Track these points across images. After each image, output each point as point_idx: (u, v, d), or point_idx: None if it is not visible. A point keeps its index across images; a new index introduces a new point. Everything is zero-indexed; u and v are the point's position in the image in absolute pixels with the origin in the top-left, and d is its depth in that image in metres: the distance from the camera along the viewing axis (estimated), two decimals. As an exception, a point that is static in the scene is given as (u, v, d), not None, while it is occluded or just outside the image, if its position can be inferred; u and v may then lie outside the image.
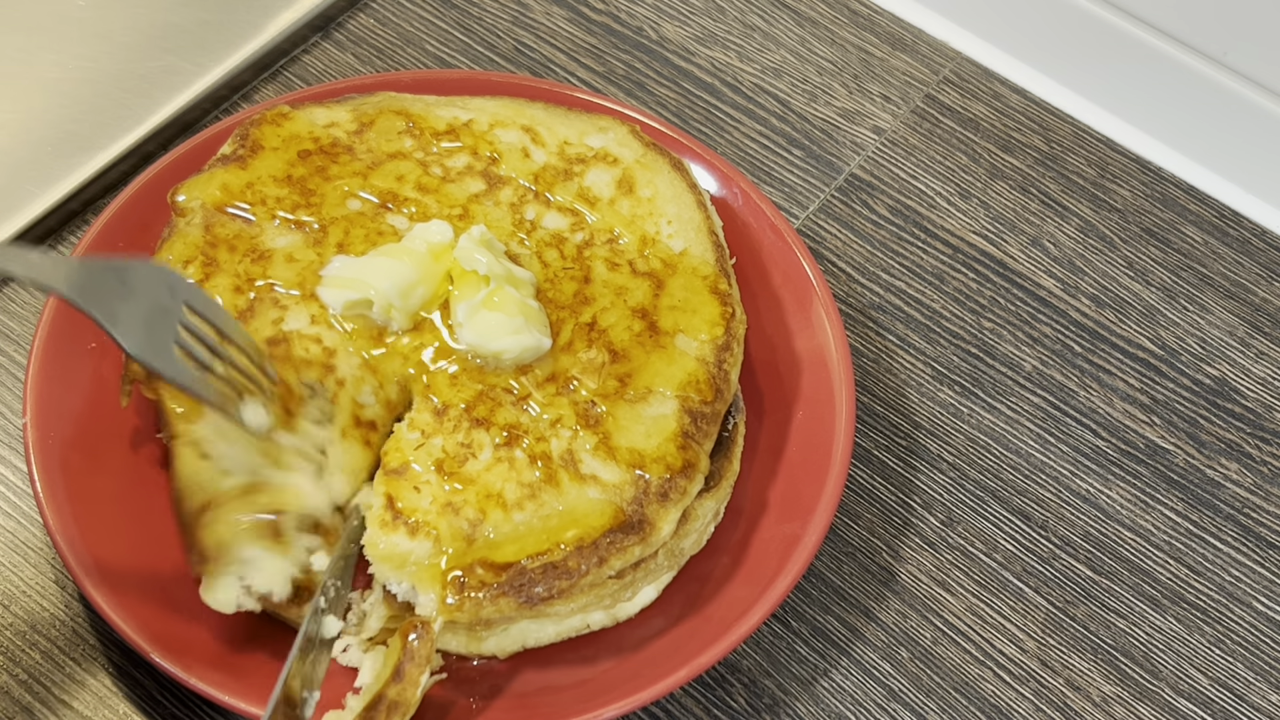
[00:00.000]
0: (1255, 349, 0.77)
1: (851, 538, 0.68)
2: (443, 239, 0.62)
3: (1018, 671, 0.65)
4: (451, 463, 0.58)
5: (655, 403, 0.60)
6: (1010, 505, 0.70)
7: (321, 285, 0.61)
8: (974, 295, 0.77)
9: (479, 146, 0.69)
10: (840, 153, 0.83)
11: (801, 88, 0.85)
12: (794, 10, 0.89)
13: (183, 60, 0.79)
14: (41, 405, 0.60)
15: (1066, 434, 0.73)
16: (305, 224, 0.64)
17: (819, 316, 0.68)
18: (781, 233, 0.70)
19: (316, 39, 0.83)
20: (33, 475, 0.58)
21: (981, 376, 0.74)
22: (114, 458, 0.61)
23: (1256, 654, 0.66)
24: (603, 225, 0.67)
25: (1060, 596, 0.67)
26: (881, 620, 0.65)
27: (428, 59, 0.84)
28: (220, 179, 0.64)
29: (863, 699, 0.63)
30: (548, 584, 0.55)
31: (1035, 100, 0.87)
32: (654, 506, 0.58)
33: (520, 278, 0.63)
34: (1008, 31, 0.88)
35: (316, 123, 0.68)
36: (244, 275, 0.61)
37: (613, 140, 0.70)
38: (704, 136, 0.82)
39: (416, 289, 0.61)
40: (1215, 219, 0.82)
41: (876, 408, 0.73)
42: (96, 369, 0.62)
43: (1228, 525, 0.70)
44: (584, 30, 0.86)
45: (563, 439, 0.59)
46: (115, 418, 0.62)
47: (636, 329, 0.63)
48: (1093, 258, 0.80)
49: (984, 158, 0.84)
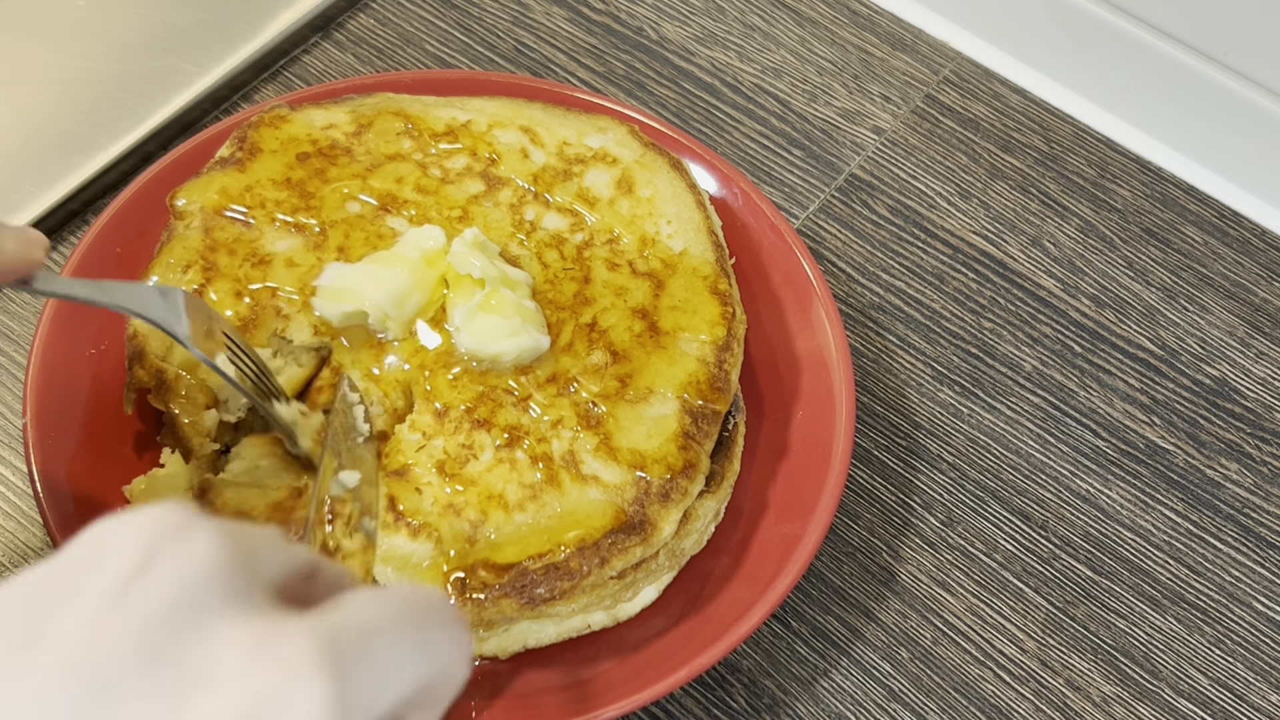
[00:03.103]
0: (1255, 349, 0.77)
1: (851, 538, 0.68)
2: (436, 244, 0.62)
3: (1018, 671, 0.65)
4: (453, 464, 0.58)
5: (656, 403, 0.60)
6: (1010, 505, 0.70)
7: (316, 296, 0.61)
8: (974, 295, 0.78)
9: (478, 147, 0.68)
10: (840, 153, 0.83)
11: (801, 88, 0.85)
12: (794, 10, 0.89)
13: (183, 60, 0.79)
14: (41, 405, 0.60)
15: (1066, 434, 0.73)
16: (305, 227, 0.64)
17: (819, 316, 0.68)
18: (781, 233, 0.70)
19: (316, 39, 0.83)
20: (33, 475, 0.58)
21: (981, 376, 0.74)
22: (115, 458, 0.61)
23: (1256, 654, 0.66)
24: (602, 226, 0.67)
25: (1060, 596, 0.67)
26: (881, 620, 0.65)
27: (428, 59, 0.84)
28: (219, 182, 0.64)
29: (863, 699, 0.63)
30: (549, 585, 0.55)
31: (1035, 100, 0.87)
32: (655, 507, 0.58)
33: (515, 279, 0.63)
34: (1008, 31, 0.88)
35: (315, 125, 0.68)
36: (244, 279, 0.61)
37: (612, 140, 0.70)
38: (704, 136, 0.82)
39: (411, 296, 0.61)
40: (1215, 219, 0.82)
41: (876, 408, 0.73)
42: (97, 371, 0.62)
43: (1228, 525, 0.70)
44: (584, 30, 0.86)
45: (564, 440, 0.59)
46: (116, 418, 0.62)
47: (637, 329, 0.63)
48: (1093, 258, 0.80)
49: (984, 158, 0.84)
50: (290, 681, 0.25)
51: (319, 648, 0.26)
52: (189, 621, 0.25)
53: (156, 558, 0.26)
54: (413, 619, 0.29)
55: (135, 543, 0.26)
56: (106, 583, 0.25)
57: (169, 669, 0.25)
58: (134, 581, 0.25)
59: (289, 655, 0.26)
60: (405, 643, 0.28)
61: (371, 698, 0.27)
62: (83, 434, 0.61)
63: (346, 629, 0.27)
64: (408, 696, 0.28)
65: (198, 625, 0.26)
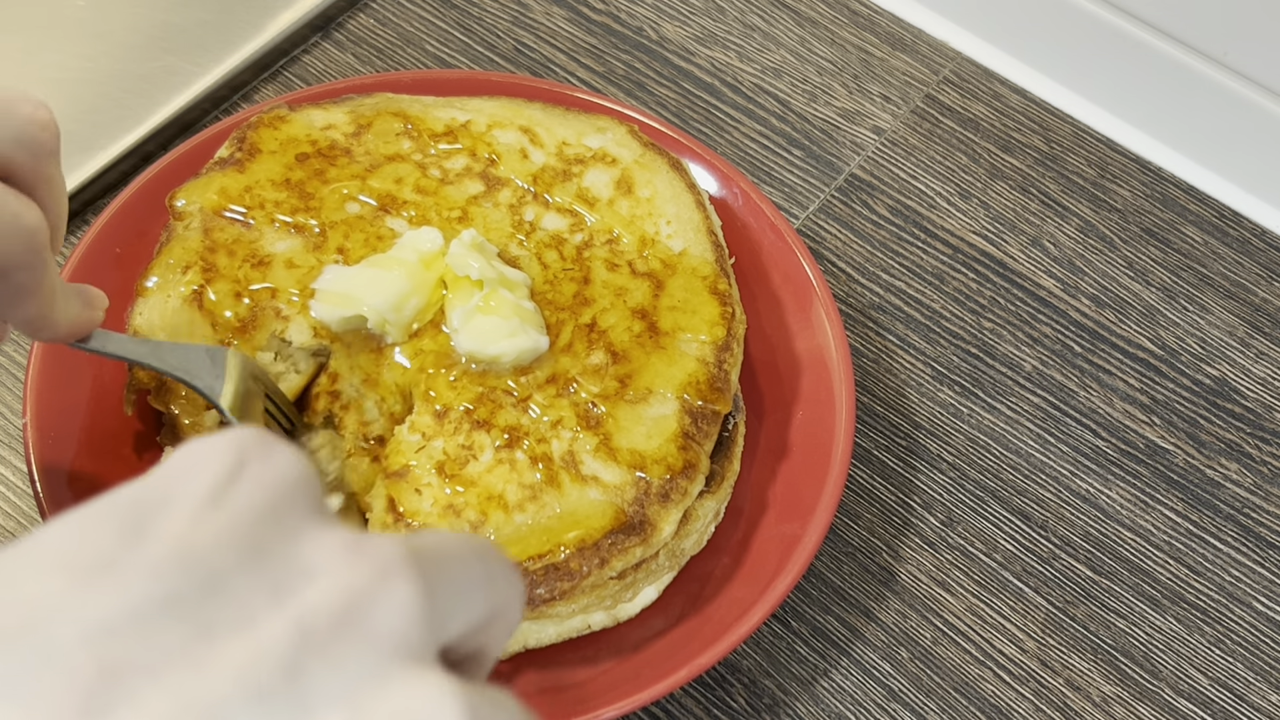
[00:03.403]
0: (1255, 349, 0.77)
1: (851, 538, 0.68)
2: (433, 247, 0.62)
3: (1018, 671, 0.65)
4: (452, 465, 0.58)
5: (656, 403, 0.60)
6: (1010, 505, 0.70)
7: (314, 300, 0.61)
8: (974, 295, 0.78)
9: (477, 148, 0.68)
10: (840, 153, 0.83)
11: (801, 88, 0.85)
12: (794, 10, 0.89)
13: (183, 60, 0.79)
14: (41, 405, 0.60)
15: (1066, 434, 0.73)
16: (305, 228, 0.64)
17: (819, 316, 0.68)
18: (781, 233, 0.70)
19: (316, 39, 0.83)
20: (33, 475, 0.58)
21: (981, 376, 0.74)
22: (115, 459, 0.61)
23: (1256, 654, 0.66)
24: (602, 226, 0.67)
25: (1060, 596, 0.67)
26: (881, 620, 0.66)
27: (428, 59, 0.84)
28: (218, 183, 0.64)
29: (863, 699, 0.63)
30: (549, 585, 0.55)
31: (1035, 100, 0.87)
32: (655, 507, 0.58)
33: (513, 280, 0.63)
34: (1008, 31, 0.88)
35: (314, 125, 0.68)
36: (243, 280, 0.61)
37: (611, 140, 0.70)
38: (704, 136, 0.82)
39: (409, 299, 0.61)
40: (1215, 219, 0.82)
41: (876, 408, 0.73)
42: (97, 371, 0.62)
43: (1228, 525, 0.70)
44: (584, 30, 0.86)
45: (563, 440, 0.59)
46: (116, 419, 0.62)
47: (636, 330, 0.63)
48: (1093, 258, 0.80)
49: (984, 158, 0.84)
50: (383, 578, 0.26)
51: (406, 552, 0.27)
52: (284, 521, 0.27)
53: (246, 467, 0.27)
54: (478, 552, 0.30)
55: (225, 456, 0.27)
56: (203, 489, 0.27)
57: (270, 561, 0.26)
58: (229, 486, 0.27)
59: (380, 555, 0.27)
60: (475, 571, 0.30)
61: (451, 610, 0.28)
62: (83, 434, 0.61)
63: (424, 547, 0.28)
64: (476, 623, 0.30)
65: (292, 525, 0.27)
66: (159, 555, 0.25)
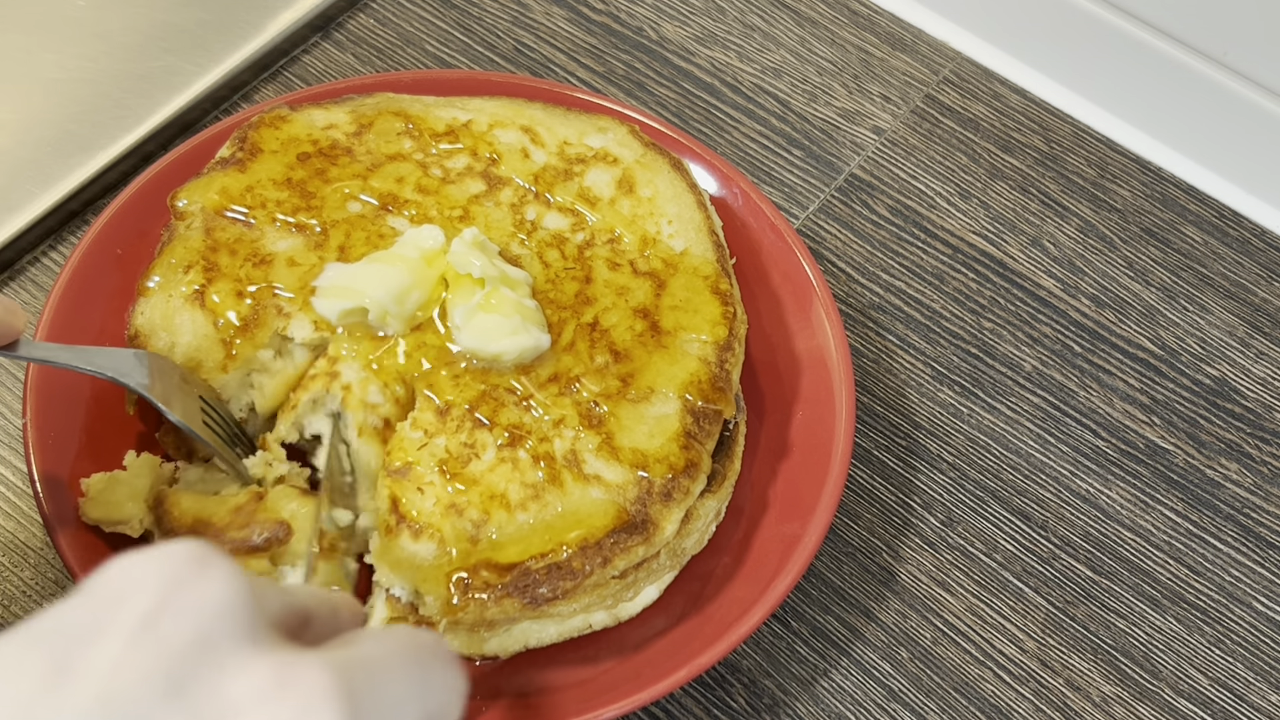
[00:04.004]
0: (1255, 349, 0.77)
1: (851, 538, 0.68)
2: (435, 244, 0.62)
3: (1018, 671, 0.65)
4: (455, 463, 0.58)
5: (658, 403, 0.60)
6: (1010, 505, 0.70)
7: (315, 295, 0.61)
8: (974, 295, 0.78)
9: (478, 147, 0.68)
10: (840, 153, 0.83)
11: (801, 88, 0.85)
12: (794, 10, 0.89)
13: (183, 60, 0.79)
14: (41, 405, 0.60)
15: (1066, 434, 0.73)
16: (306, 227, 0.64)
17: (819, 316, 0.68)
18: (781, 233, 0.70)
19: (316, 39, 0.83)
20: (33, 475, 0.58)
21: (981, 376, 0.74)
22: (115, 459, 0.61)
23: (1256, 654, 0.67)
24: (603, 225, 0.67)
25: (1060, 596, 0.67)
26: (881, 620, 0.66)
27: (428, 59, 0.84)
28: (220, 182, 0.64)
29: (863, 699, 0.63)
30: (552, 584, 0.55)
31: (1035, 100, 0.87)
32: (657, 506, 0.58)
33: (515, 278, 0.63)
34: (1008, 31, 0.88)
35: (315, 125, 0.68)
36: (245, 279, 0.61)
37: (612, 140, 0.70)
38: (704, 136, 0.82)
39: (411, 294, 0.61)
40: (1215, 219, 0.82)
41: (876, 408, 0.73)
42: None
43: (1228, 525, 0.71)
44: (584, 30, 0.86)
45: (566, 439, 0.59)
46: (116, 419, 0.62)
47: (638, 329, 0.63)
48: (1093, 258, 0.80)
49: (984, 158, 0.84)
50: (308, 712, 0.26)
51: (333, 680, 0.27)
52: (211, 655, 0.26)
53: (179, 592, 0.27)
54: (415, 658, 0.30)
55: (156, 580, 0.27)
56: (132, 619, 0.26)
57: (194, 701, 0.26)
58: (157, 618, 0.26)
59: (305, 686, 0.26)
60: (410, 680, 0.29)
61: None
62: (83, 434, 0.61)
63: (357, 664, 0.28)
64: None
65: (219, 658, 0.26)
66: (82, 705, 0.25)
